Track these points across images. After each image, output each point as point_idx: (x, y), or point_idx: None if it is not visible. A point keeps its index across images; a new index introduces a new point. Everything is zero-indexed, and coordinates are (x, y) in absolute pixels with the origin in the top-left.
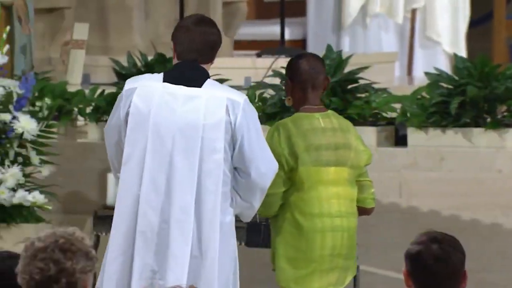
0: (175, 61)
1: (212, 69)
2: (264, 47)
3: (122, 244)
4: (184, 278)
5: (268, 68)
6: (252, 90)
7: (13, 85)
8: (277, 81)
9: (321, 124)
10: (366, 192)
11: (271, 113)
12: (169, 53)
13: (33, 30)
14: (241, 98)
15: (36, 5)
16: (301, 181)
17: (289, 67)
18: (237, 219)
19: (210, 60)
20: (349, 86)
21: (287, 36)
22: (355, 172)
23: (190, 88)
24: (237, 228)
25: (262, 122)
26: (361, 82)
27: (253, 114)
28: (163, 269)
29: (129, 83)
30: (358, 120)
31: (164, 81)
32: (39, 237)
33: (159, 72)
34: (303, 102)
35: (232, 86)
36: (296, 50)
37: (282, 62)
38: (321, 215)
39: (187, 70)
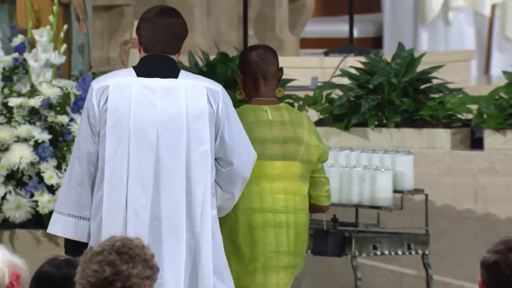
0: (141, 54)
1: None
2: (332, 45)
3: None
4: (182, 274)
5: (336, 68)
6: (319, 91)
7: (71, 86)
8: (345, 81)
9: (269, 116)
10: (320, 189)
11: (338, 114)
12: (232, 52)
13: (91, 28)
14: (218, 86)
15: (95, 2)
16: None
17: (239, 59)
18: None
19: (177, 51)
20: (422, 86)
21: (356, 34)
22: (307, 168)
23: (167, 80)
24: None
25: (329, 124)
26: (435, 81)
27: (231, 102)
28: (159, 267)
29: (98, 82)
30: (431, 122)
31: (138, 75)
32: (98, 244)
33: (221, 73)
34: (254, 94)
35: (298, 86)
36: (366, 48)
37: (351, 61)
38: (262, 210)
39: (159, 62)
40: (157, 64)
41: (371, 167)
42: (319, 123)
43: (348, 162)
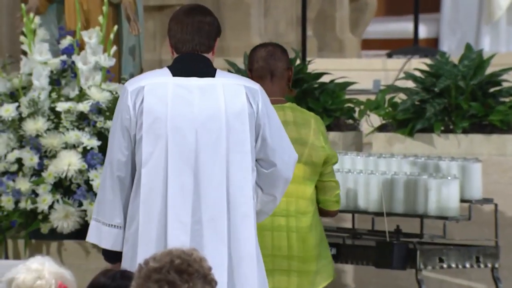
0: (173, 56)
1: (337, 70)
2: (395, 46)
3: (153, 250)
4: (225, 280)
5: (399, 70)
6: (382, 94)
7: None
8: (409, 84)
9: None
10: (329, 194)
11: (402, 119)
12: (290, 54)
13: (142, 29)
14: (256, 85)
15: (146, 2)
16: None
17: (248, 57)
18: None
19: (210, 49)
20: (491, 89)
21: (421, 34)
22: (313, 170)
23: (204, 79)
24: (363, 247)
25: (392, 130)
26: (505, 84)
27: (269, 101)
28: None
29: (132, 83)
30: (501, 128)
31: (174, 75)
32: (154, 257)
33: None
34: None
35: (359, 90)
36: (432, 49)
37: (415, 63)
38: None
39: (193, 62)
40: (192, 63)
41: (437, 176)
42: (381, 128)
43: (412, 170)
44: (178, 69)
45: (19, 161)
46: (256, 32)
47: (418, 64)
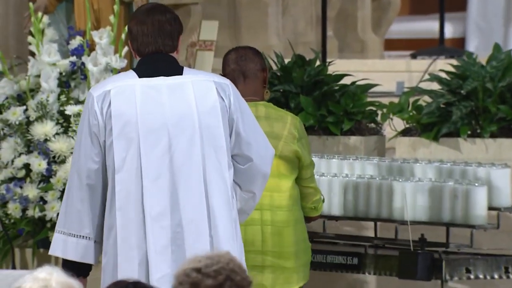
0: (137, 58)
1: (358, 72)
2: (420, 47)
3: (135, 257)
4: None
5: (424, 71)
6: (405, 97)
7: None
8: (434, 86)
9: None
10: (306, 200)
11: (427, 123)
12: (310, 55)
13: None
14: (226, 80)
15: (159, 1)
16: None
17: (222, 63)
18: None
19: (175, 48)
20: None
21: (447, 34)
22: (288, 164)
23: (171, 77)
24: (386, 256)
25: (416, 134)
26: None
27: (241, 96)
28: None
29: (97, 88)
30: None
31: (140, 76)
32: (196, 268)
33: (297, 77)
34: None
35: (382, 92)
36: (458, 50)
37: (440, 64)
38: None
39: (159, 61)
40: (158, 63)
41: (464, 182)
42: (405, 133)
43: (438, 176)
44: (144, 70)
45: (26, 166)
46: (273, 32)
47: (444, 65)
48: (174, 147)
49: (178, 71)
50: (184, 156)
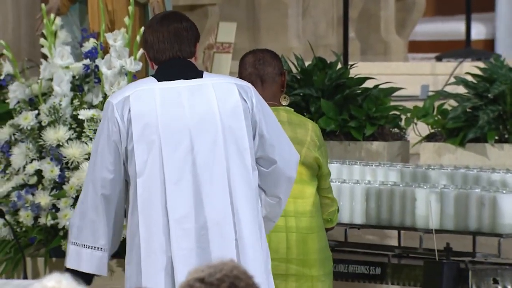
0: (156, 67)
1: (381, 75)
2: (445, 49)
3: (159, 262)
4: None
5: (450, 74)
6: (430, 101)
7: None
8: (460, 89)
9: None
10: (322, 211)
11: (453, 128)
12: (331, 57)
13: None
14: (247, 83)
15: (176, 2)
16: None
17: (238, 66)
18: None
19: (192, 55)
20: None
21: (474, 35)
22: (310, 172)
23: (191, 80)
24: (410, 266)
25: (442, 139)
26: None
27: (263, 99)
28: None
29: (116, 96)
30: None
31: (159, 80)
32: (200, 277)
33: (318, 80)
34: None
35: (405, 96)
36: (485, 52)
37: (467, 67)
38: None
39: (178, 65)
40: (177, 67)
41: (491, 189)
42: (430, 138)
43: (464, 183)
44: (162, 75)
45: (38, 173)
46: (293, 33)
47: (470, 68)
48: (197, 148)
49: (198, 74)
50: (207, 157)
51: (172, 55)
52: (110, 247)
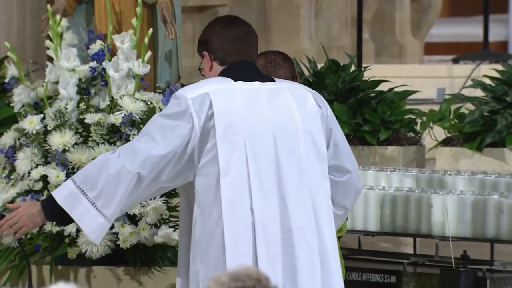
0: (218, 69)
1: (396, 77)
2: (462, 51)
3: (242, 264)
4: None
5: (467, 77)
6: (447, 104)
7: (156, 100)
8: (478, 93)
9: None
10: None
11: (470, 132)
12: (344, 60)
13: (180, 33)
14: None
15: (185, 3)
16: None
17: None
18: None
19: (255, 60)
20: None
21: (491, 37)
22: None
23: (267, 83)
24: (426, 275)
25: (458, 144)
26: None
27: None
28: (295, 286)
29: (190, 90)
30: None
31: (235, 80)
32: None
33: (331, 83)
34: None
35: (421, 100)
36: (503, 54)
37: (485, 69)
38: None
39: (250, 68)
40: (249, 69)
41: (510, 195)
42: (446, 142)
43: (481, 188)
44: (237, 74)
45: (44, 178)
46: (306, 35)
47: (488, 70)
48: (280, 151)
49: (270, 78)
50: (290, 161)
51: (244, 57)
52: (112, 221)
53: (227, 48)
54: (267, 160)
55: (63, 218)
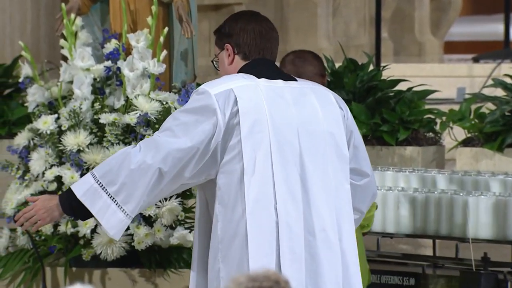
0: (236, 63)
1: (415, 77)
2: (483, 50)
3: (268, 264)
4: None
5: (487, 76)
6: (467, 104)
7: (172, 100)
8: (499, 92)
9: None
10: None
11: (490, 132)
12: (362, 59)
13: (196, 32)
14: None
15: (201, 1)
16: None
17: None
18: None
19: (276, 57)
20: None
21: None
22: None
23: (289, 82)
24: (446, 277)
25: (479, 144)
26: None
27: None
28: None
29: (213, 86)
30: None
31: (259, 77)
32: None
33: (349, 83)
34: None
35: (441, 99)
36: None
37: (506, 68)
38: None
39: (273, 66)
40: (272, 67)
41: None
42: (466, 143)
43: (502, 189)
44: (260, 71)
45: (58, 179)
46: (323, 34)
47: (509, 69)
48: (304, 151)
49: (292, 77)
50: (314, 161)
51: (266, 54)
52: (132, 217)
53: (252, 44)
54: (292, 160)
55: (82, 212)
